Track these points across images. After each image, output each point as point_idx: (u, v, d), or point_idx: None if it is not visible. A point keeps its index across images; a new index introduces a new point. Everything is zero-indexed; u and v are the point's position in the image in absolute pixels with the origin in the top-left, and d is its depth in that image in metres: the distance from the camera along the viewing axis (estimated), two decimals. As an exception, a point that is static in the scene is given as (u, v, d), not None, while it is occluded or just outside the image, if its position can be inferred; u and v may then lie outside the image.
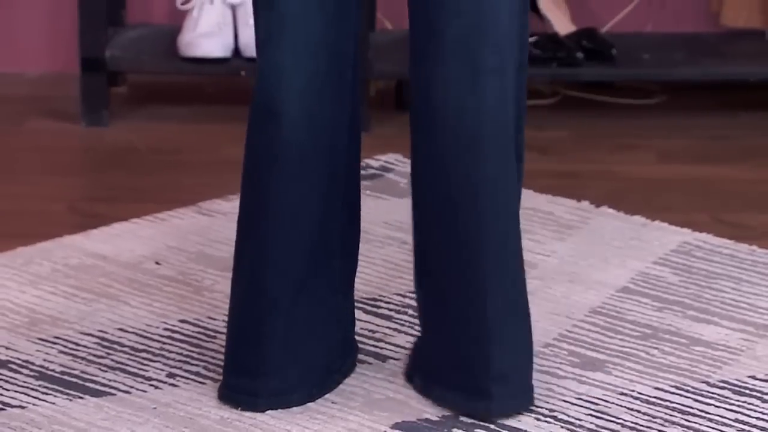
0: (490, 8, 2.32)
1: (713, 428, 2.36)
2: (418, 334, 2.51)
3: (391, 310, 2.71)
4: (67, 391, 2.43)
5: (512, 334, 2.38)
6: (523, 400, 2.41)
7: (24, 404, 2.39)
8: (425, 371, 2.45)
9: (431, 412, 2.38)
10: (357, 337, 2.54)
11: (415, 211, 2.43)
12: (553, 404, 2.42)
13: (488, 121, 2.35)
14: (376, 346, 2.57)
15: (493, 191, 2.36)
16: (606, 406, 2.42)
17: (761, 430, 2.36)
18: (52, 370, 2.49)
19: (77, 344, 2.58)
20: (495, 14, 2.32)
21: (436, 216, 2.39)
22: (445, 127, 2.36)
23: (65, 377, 2.47)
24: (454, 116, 2.35)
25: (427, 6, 2.35)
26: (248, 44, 3.65)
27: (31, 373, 2.48)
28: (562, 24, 3.68)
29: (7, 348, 2.56)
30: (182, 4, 3.74)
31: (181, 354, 2.56)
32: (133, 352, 2.55)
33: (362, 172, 2.55)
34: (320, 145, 2.38)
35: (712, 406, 2.42)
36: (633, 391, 2.46)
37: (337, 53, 2.37)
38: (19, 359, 2.52)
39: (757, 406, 2.43)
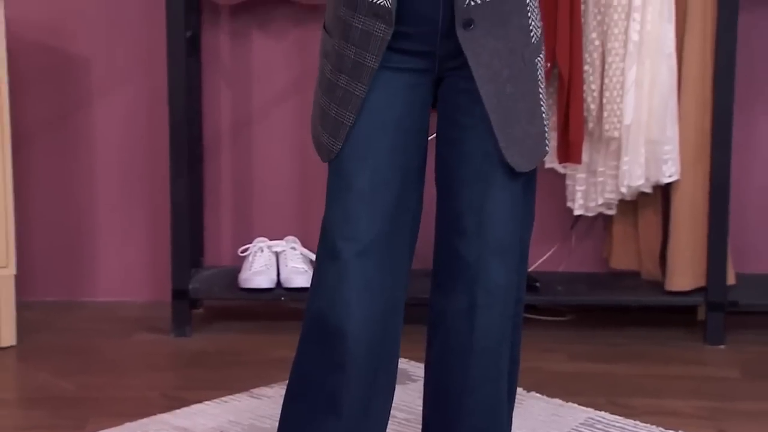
0: (485, 266, 2.27)
1: None
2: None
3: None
4: None
5: None
6: None
7: None
8: None
9: None
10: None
11: (425, 394, 2.38)
12: None
13: (478, 339, 2.29)
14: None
15: (480, 389, 2.31)
16: None
17: None
18: None
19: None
20: (488, 269, 2.27)
21: (437, 401, 2.35)
22: (448, 341, 2.31)
23: None
24: (454, 335, 2.30)
25: (446, 262, 2.31)
26: (287, 278, 3.63)
27: None
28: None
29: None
30: (241, 252, 3.73)
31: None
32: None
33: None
34: (380, 357, 2.28)
35: None
36: None
37: (394, 294, 2.29)
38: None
39: None
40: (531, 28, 2.26)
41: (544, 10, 3.39)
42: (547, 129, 2.33)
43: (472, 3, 2.20)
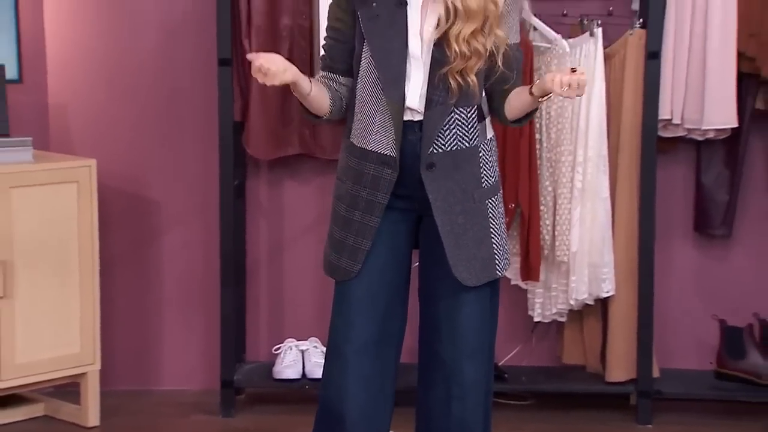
0: (458, 365, 2.34)
1: None
2: None
3: None
4: None
5: None
6: None
7: None
8: None
9: None
10: None
11: None
12: None
13: (454, 424, 2.35)
14: None
15: None
16: None
17: None
18: None
19: None
20: (461, 368, 2.35)
21: None
22: (430, 425, 2.39)
23: None
24: (435, 420, 2.38)
25: (428, 361, 2.39)
26: (311, 371, 3.65)
27: None
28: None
29: None
30: (274, 350, 3.75)
31: None
32: None
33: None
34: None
35: None
36: None
37: (383, 385, 2.37)
38: None
39: None
40: (482, 176, 2.36)
41: (509, 165, 3.52)
42: (498, 255, 2.36)
43: (434, 151, 2.32)
